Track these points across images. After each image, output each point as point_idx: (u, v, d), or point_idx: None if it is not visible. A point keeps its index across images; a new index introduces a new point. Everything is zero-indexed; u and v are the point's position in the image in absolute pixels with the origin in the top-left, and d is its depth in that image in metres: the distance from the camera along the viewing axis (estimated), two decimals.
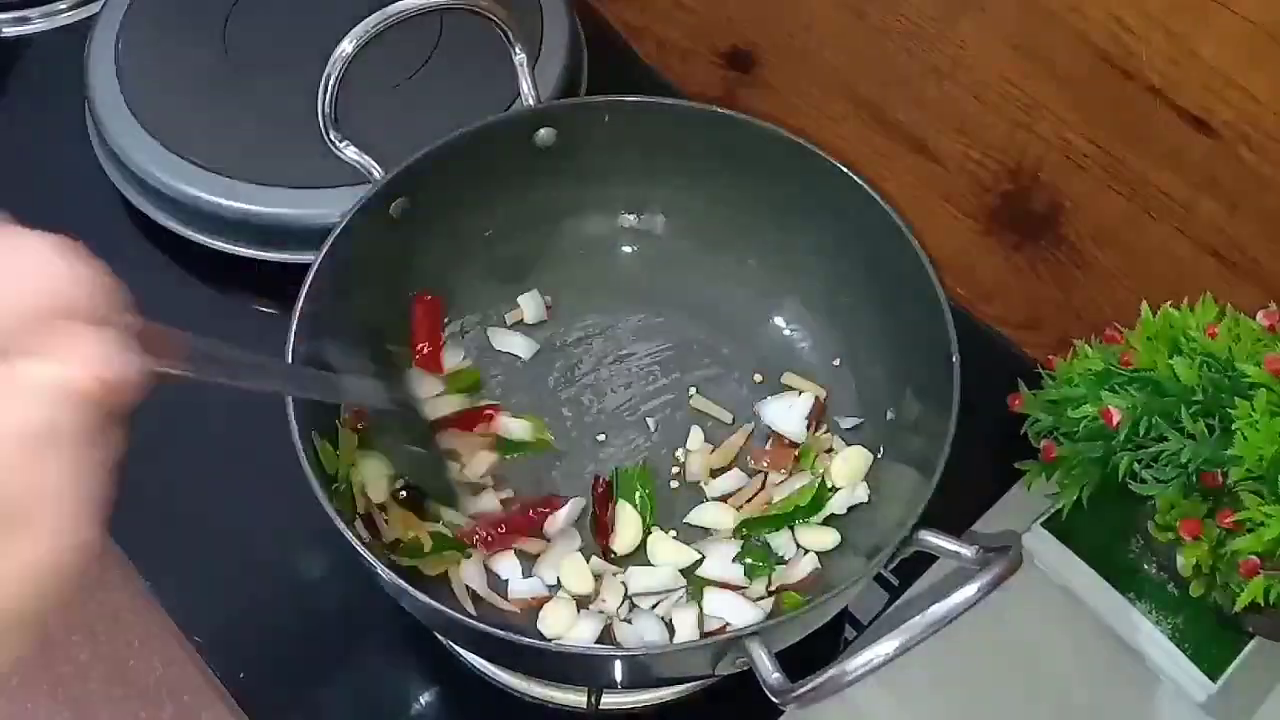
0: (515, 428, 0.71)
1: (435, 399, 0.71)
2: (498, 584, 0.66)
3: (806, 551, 0.66)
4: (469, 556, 0.65)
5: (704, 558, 0.66)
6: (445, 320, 0.74)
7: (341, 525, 0.53)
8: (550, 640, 0.61)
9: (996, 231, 0.80)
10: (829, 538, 0.66)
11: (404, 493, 0.66)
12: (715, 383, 0.74)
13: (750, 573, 0.66)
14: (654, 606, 0.65)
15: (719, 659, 0.54)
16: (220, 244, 0.80)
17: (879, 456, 0.69)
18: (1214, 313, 0.61)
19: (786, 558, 0.66)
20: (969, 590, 0.49)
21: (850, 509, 0.68)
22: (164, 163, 0.80)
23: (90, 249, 0.34)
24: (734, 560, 0.66)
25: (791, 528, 0.67)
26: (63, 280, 0.26)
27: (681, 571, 0.66)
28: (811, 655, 0.54)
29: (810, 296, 0.75)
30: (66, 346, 0.25)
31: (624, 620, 0.64)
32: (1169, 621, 0.67)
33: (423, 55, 0.86)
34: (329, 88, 0.65)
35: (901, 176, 0.81)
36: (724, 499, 0.69)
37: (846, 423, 0.72)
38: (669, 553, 0.67)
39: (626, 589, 0.65)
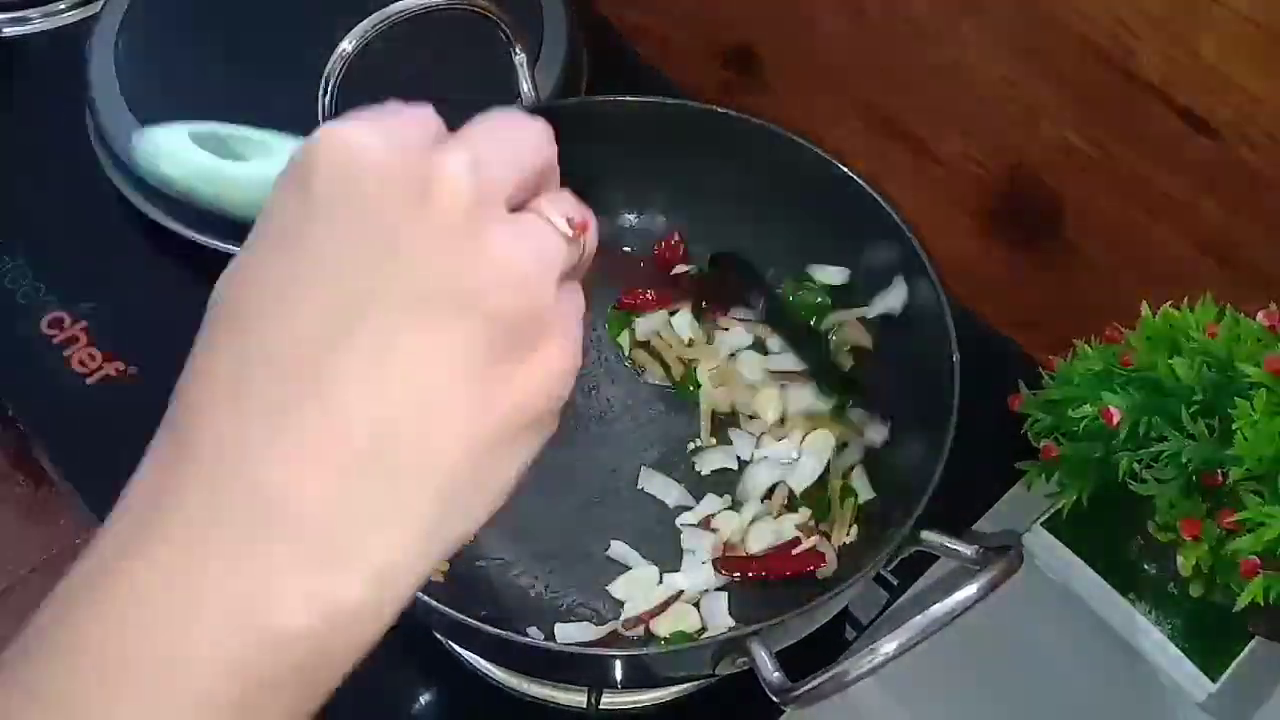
0: None
1: None
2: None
3: None
4: None
5: None
6: None
7: None
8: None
9: (996, 231, 0.80)
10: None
11: None
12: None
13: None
14: None
15: (719, 659, 0.54)
16: (221, 244, 0.80)
17: (878, 455, 0.69)
18: (1214, 313, 0.61)
19: None
20: (969, 590, 0.49)
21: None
22: None
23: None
24: None
25: None
26: (547, 141, 0.32)
27: None
28: (812, 655, 0.54)
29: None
30: (559, 200, 0.32)
31: None
32: (1169, 621, 0.67)
33: (423, 55, 0.86)
34: (329, 88, 0.65)
35: (901, 176, 0.81)
36: None
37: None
38: None
39: None
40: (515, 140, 0.32)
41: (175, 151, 0.35)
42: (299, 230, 0.29)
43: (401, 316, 0.28)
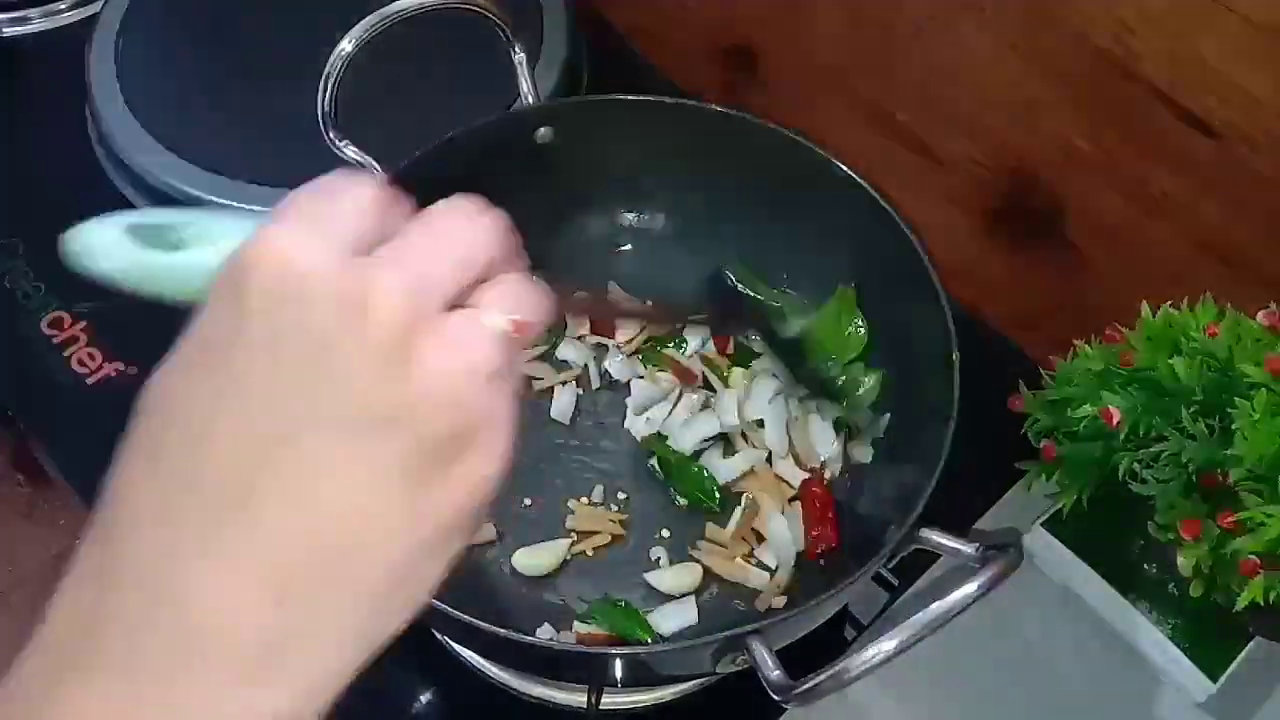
0: None
1: None
2: None
3: None
4: None
5: None
6: None
7: None
8: None
9: (996, 231, 0.80)
10: None
11: None
12: None
13: None
14: None
15: (720, 657, 0.54)
16: None
17: (877, 454, 0.69)
18: (1214, 313, 0.61)
19: None
20: (969, 588, 0.49)
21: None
22: (164, 163, 0.80)
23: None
24: None
25: None
26: (497, 236, 0.32)
27: None
28: (812, 654, 0.54)
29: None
30: (506, 294, 0.31)
31: None
32: (1169, 621, 0.67)
33: (423, 55, 0.86)
34: (329, 87, 0.65)
35: (901, 176, 0.81)
36: None
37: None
38: None
39: None
40: (461, 242, 0.31)
41: (107, 247, 0.34)
42: (230, 345, 0.29)
43: (331, 439, 0.28)
